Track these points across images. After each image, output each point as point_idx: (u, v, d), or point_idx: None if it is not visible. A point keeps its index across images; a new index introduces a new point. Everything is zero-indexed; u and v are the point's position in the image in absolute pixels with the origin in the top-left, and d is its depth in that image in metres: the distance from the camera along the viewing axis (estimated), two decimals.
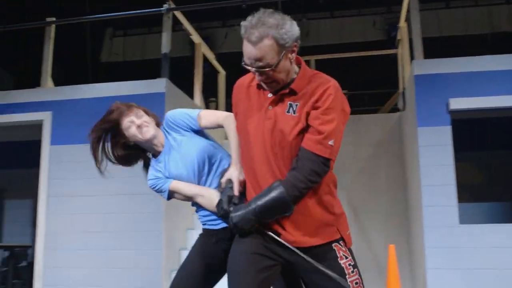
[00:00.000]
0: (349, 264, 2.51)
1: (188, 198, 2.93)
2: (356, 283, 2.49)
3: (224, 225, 2.77)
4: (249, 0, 7.50)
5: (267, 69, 2.35)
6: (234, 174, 2.63)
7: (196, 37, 7.52)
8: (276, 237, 2.46)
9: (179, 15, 6.86)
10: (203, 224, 2.96)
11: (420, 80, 5.68)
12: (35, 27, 7.13)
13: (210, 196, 2.82)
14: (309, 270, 2.48)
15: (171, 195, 2.96)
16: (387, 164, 7.40)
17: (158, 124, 3.00)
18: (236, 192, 2.56)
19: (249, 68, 2.40)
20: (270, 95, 2.49)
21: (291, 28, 2.35)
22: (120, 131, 2.99)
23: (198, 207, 2.94)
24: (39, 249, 6.24)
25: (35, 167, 6.46)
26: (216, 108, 8.88)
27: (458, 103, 5.47)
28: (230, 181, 2.62)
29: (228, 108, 2.87)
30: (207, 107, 9.61)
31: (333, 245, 2.52)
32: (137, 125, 2.92)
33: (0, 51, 11.98)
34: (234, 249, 2.57)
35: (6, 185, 7.81)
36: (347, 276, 2.47)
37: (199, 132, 2.97)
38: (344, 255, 2.52)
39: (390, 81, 8.65)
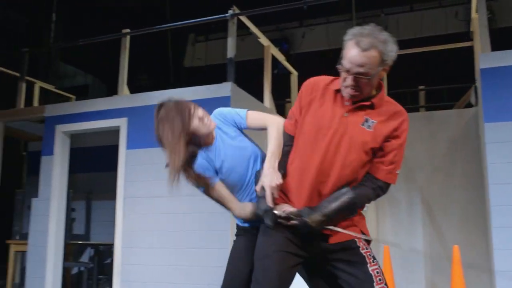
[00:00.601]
0: (369, 255, 2.66)
1: (219, 202, 2.99)
2: (377, 272, 2.61)
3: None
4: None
5: (364, 77, 2.49)
6: (266, 181, 2.66)
7: (264, 40, 7.65)
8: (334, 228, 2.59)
9: (244, 19, 7.02)
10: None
11: (487, 74, 5.45)
12: (112, 39, 7.56)
13: (240, 210, 2.85)
14: (335, 259, 2.66)
15: (208, 191, 2.91)
16: (463, 161, 7.16)
17: None
18: (269, 202, 2.61)
19: (344, 71, 2.53)
20: (347, 103, 2.62)
21: (393, 49, 2.53)
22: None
23: None
24: (117, 247, 6.65)
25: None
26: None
27: None
28: (263, 189, 2.67)
29: None
30: (283, 108, 9.76)
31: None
32: (199, 117, 2.76)
33: (93, 61, 12.82)
34: (261, 242, 2.70)
35: (93, 187, 8.37)
36: (368, 265, 2.61)
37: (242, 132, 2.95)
38: (364, 246, 2.68)
39: (469, 75, 8.33)
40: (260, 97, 7.50)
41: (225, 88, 6.44)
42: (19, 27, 10.25)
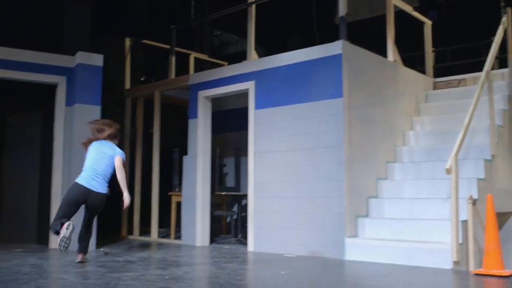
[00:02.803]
0: None
1: None
2: None
3: None
4: None
5: None
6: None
7: None
8: None
9: None
10: None
11: None
12: (238, 10, 8.22)
13: None
14: None
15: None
16: None
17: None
18: None
19: None
20: None
21: None
22: None
23: None
24: (250, 197, 7.48)
25: None
26: (423, 59, 8.92)
27: None
28: None
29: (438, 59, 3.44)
30: (414, 59, 9.61)
31: None
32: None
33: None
34: None
35: (240, 145, 9.26)
36: None
37: None
38: None
39: None
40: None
41: (336, 47, 6.76)
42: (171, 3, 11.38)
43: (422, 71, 8.86)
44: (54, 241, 7.34)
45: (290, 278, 4.86)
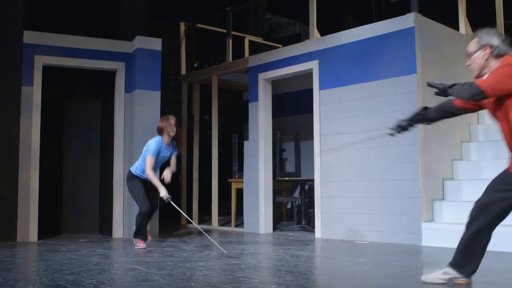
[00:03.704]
0: None
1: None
2: None
3: None
4: None
5: None
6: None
7: None
8: None
9: None
10: None
11: None
12: None
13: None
14: None
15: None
16: None
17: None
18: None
19: None
20: None
21: None
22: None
23: None
24: (317, 181, 7.17)
25: None
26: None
27: None
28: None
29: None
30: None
31: None
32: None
33: (300, 10, 13.27)
34: None
35: (300, 129, 8.96)
36: None
37: None
38: None
39: None
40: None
41: (408, 20, 6.35)
42: None
43: None
44: (118, 231, 7.25)
45: (373, 266, 4.54)
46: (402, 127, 3.66)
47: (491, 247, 3.55)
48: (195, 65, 11.23)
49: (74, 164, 7.87)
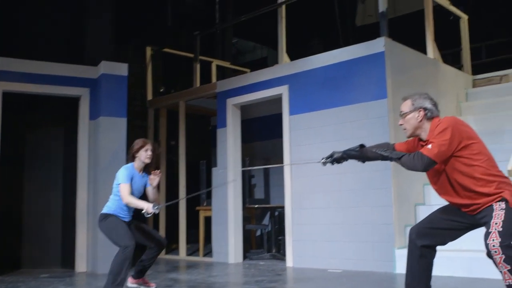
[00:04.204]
0: None
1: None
2: None
3: None
4: None
5: None
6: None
7: None
8: None
9: None
10: None
11: None
12: (269, 11, 7.82)
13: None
14: None
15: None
16: None
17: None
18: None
19: None
20: None
21: None
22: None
23: None
24: (288, 208, 7.01)
25: None
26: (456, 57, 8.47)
27: None
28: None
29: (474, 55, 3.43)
30: (458, 56, 9.18)
31: None
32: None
33: (268, 34, 13.26)
34: None
35: (269, 154, 8.84)
36: None
37: None
38: None
39: None
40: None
41: (378, 44, 6.32)
42: (196, 11, 11.06)
43: (458, 68, 8.40)
44: (81, 265, 6.92)
45: None
46: (334, 159, 3.65)
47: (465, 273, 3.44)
48: (161, 90, 11.03)
49: (35, 194, 7.50)
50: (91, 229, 6.81)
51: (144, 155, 4.90)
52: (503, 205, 3.11)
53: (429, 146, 3.18)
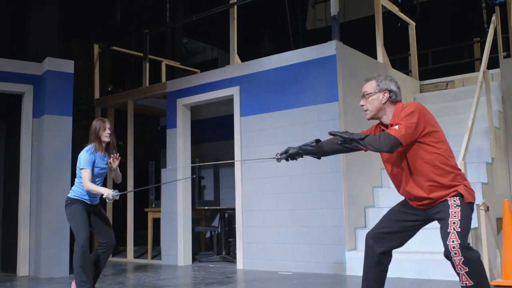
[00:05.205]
0: None
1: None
2: None
3: None
4: None
5: None
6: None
7: None
8: None
9: None
10: None
11: None
12: (221, 11, 7.75)
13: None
14: None
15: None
16: None
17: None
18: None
19: None
20: None
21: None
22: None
23: None
24: (238, 210, 6.95)
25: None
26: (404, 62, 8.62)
27: None
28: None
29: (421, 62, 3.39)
30: (406, 61, 9.35)
31: None
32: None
33: (219, 34, 13.16)
34: None
35: (219, 156, 8.74)
36: None
37: None
38: None
39: None
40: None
41: (330, 47, 6.35)
42: (146, 9, 10.83)
43: (406, 74, 8.56)
44: (23, 269, 6.64)
45: None
46: (290, 155, 3.53)
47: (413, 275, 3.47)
48: (109, 89, 10.76)
49: None
50: (34, 231, 6.55)
51: (104, 134, 4.94)
52: (457, 201, 3.07)
53: (396, 127, 3.11)
